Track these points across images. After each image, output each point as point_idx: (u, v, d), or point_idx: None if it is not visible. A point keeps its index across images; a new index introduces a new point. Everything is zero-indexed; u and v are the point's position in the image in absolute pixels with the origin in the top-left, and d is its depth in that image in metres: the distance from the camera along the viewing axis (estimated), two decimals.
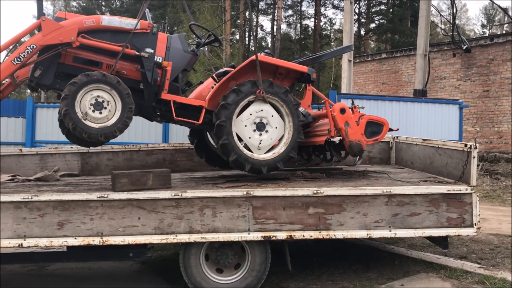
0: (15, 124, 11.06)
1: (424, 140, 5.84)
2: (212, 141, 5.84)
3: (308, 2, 41.30)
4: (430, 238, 5.08)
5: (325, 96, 5.66)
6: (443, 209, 4.52)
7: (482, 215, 7.40)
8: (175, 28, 33.99)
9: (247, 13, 29.54)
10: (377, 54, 21.15)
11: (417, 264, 5.52)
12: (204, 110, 4.97)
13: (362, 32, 36.60)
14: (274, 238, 4.37)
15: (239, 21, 33.44)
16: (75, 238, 4.20)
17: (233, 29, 34.70)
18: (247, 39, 35.27)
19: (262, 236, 4.35)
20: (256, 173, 4.99)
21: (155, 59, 4.83)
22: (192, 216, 4.30)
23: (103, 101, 4.50)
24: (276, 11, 32.54)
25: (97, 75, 4.46)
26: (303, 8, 40.90)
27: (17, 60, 4.46)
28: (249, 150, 4.93)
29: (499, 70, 16.22)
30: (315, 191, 4.39)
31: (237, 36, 35.34)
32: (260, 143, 4.95)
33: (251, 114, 4.92)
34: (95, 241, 4.21)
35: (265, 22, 72.11)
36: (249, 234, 4.34)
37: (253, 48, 31.30)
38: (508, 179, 13.23)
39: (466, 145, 4.66)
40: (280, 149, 5.00)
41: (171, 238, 4.29)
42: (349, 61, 14.98)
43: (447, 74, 17.63)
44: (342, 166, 6.40)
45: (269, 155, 4.97)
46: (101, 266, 5.77)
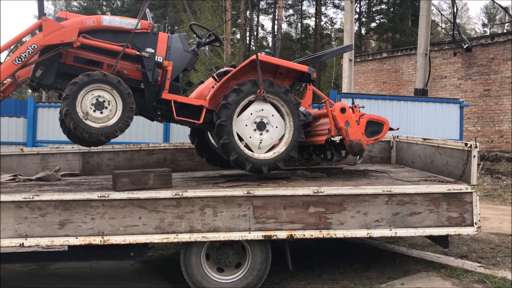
0: (16, 124, 11.05)
1: (425, 140, 5.83)
2: (213, 141, 5.85)
3: (309, 2, 41.37)
4: (431, 237, 5.08)
5: (326, 96, 5.66)
6: (444, 208, 4.52)
7: (483, 214, 7.41)
8: (176, 28, 34.00)
9: (248, 13, 29.56)
10: (378, 54, 21.12)
11: (418, 263, 5.53)
12: (205, 110, 4.98)
13: (363, 32, 36.54)
14: (275, 238, 4.38)
15: (240, 21, 33.37)
16: (76, 238, 4.21)
17: (234, 29, 34.66)
18: (248, 39, 35.25)
19: (263, 236, 4.36)
20: (257, 173, 4.99)
21: (156, 59, 4.83)
22: (193, 216, 4.31)
23: (104, 101, 4.50)
24: (277, 11, 32.53)
25: (98, 75, 4.47)
26: (304, 8, 40.85)
27: (18, 60, 4.47)
28: (250, 150, 4.94)
29: (500, 69, 16.21)
30: (316, 191, 4.40)
31: (238, 36, 35.30)
32: (261, 143, 4.96)
33: (252, 114, 4.93)
34: (96, 241, 4.22)
35: (266, 22, 72.11)
36: (250, 234, 4.35)
37: (254, 48, 31.30)
38: (509, 178, 13.23)
39: (467, 144, 4.66)
40: (281, 149, 5.01)
41: (172, 238, 4.30)
42: (350, 61, 14.99)
43: (448, 73, 17.61)
44: (343, 166, 6.41)
45: (270, 155, 4.97)
46: (102, 266, 5.78)
